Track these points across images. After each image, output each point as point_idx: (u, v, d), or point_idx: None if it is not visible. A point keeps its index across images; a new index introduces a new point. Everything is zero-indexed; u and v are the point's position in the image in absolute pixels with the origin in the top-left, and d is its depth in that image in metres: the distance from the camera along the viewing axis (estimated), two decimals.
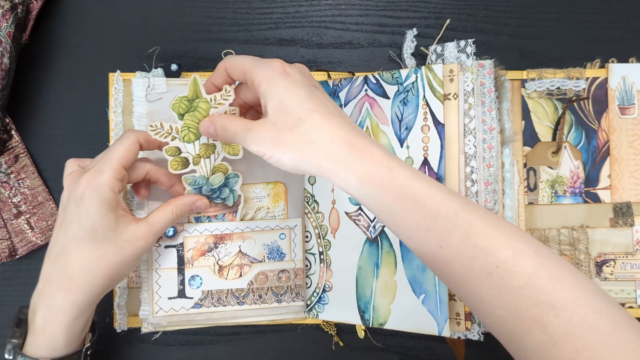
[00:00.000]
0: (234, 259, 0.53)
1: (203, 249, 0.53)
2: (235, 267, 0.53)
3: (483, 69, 0.52)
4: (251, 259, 0.53)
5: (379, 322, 0.53)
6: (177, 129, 0.48)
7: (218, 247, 0.53)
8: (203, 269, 0.53)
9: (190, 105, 0.48)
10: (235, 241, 0.53)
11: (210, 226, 0.53)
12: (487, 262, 0.35)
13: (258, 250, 0.54)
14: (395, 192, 0.38)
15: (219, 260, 0.53)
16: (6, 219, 0.55)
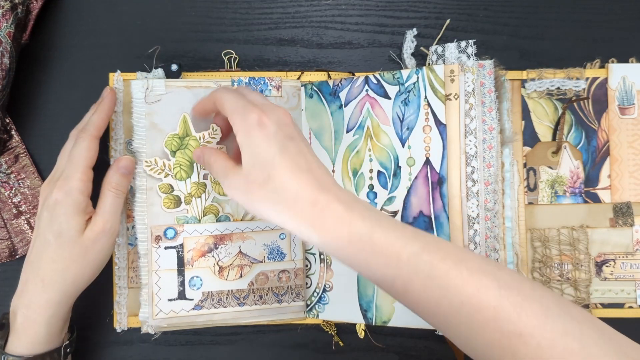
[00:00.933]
0: (234, 259, 0.53)
1: (203, 250, 0.53)
2: (236, 267, 0.53)
3: (483, 69, 0.53)
4: (251, 260, 0.53)
5: (383, 320, 0.53)
6: (170, 166, 0.52)
7: (218, 248, 0.53)
8: (203, 270, 0.53)
9: (181, 143, 0.52)
10: (235, 242, 0.53)
11: (210, 227, 0.53)
12: (453, 300, 0.36)
13: (258, 250, 0.54)
14: (356, 245, 0.39)
15: (219, 261, 0.53)
16: (6, 219, 0.55)
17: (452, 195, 0.51)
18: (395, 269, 0.38)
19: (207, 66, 0.57)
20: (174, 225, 0.53)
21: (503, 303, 0.35)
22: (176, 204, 0.53)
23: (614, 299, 0.56)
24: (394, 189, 0.53)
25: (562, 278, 0.56)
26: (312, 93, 0.56)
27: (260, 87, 0.55)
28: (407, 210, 0.53)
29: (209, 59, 0.58)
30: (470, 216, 0.51)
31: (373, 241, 0.38)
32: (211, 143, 0.53)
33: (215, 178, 0.52)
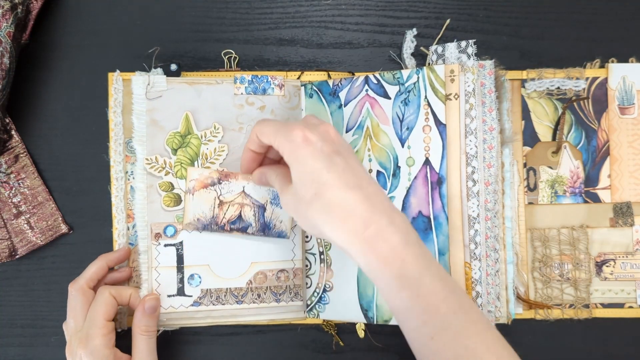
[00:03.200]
0: (235, 196, 0.52)
1: (206, 182, 0.52)
2: (236, 205, 0.52)
3: (483, 70, 0.53)
4: (253, 200, 0.52)
5: (384, 319, 0.53)
6: (171, 164, 0.52)
7: (221, 184, 0.52)
8: (203, 202, 0.52)
9: (183, 141, 0.53)
10: (240, 181, 0.52)
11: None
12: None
13: (262, 193, 0.53)
14: (402, 283, 0.39)
15: (220, 196, 0.52)
16: (6, 219, 0.55)
17: (452, 195, 0.51)
18: (430, 316, 0.39)
19: (207, 66, 0.57)
20: (174, 223, 0.53)
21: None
22: (176, 202, 0.53)
23: (614, 298, 0.56)
24: (393, 189, 0.53)
25: (562, 278, 0.55)
26: (312, 93, 0.56)
27: (263, 86, 0.55)
28: (406, 210, 0.53)
29: (209, 58, 0.58)
30: (471, 216, 0.51)
31: (419, 286, 0.39)
32: (213, 142, 0.53)
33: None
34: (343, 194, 0.39)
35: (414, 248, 0.39)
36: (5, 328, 0.57)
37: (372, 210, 0.39)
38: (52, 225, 0.56)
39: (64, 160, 0.57)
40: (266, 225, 0.53)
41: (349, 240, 0.39)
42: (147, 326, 0.50)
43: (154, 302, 0.50)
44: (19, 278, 0.57)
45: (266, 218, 0.53)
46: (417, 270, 0.39)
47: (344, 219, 0.39)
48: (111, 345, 0.48)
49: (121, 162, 0.55)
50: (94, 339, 0.47)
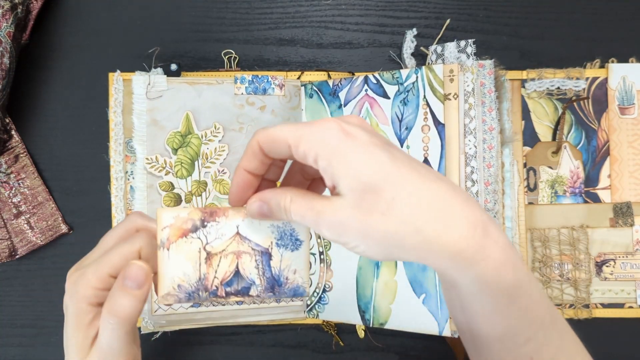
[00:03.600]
0: (228, 243, 0.37)
1: (185, 228, 0.35)
2: (230, 255, 0.37)
3: (483, 69, 0.52)
4: (253, 245, 0.37)
5: (380, 322, 0.53)
6: (171, 164, 0.51)
7: (207, 226, 0.36)
8: (182, 257, 0.36)
9: (183, 141, 0.52)
10: (232, 218, 0.36)
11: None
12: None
13: (263, 233, 0.37)
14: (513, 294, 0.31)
15: (207, 245, 0.36)
16: (6, 219, 0.55)
17: None
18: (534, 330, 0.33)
19: (207, 66, 0.57)
20: None
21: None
22: (176, 202, 0.53)
23: (614, 298, 0.55)
24: None
25: (562, 278, 0.55)
26: (312, 93, 0.56)
27: (263, 86, 0.55)
28: None
29: (209, 58, 0.58)
30: None
31: (529, 295, 0.32)
32: (213, 141, 0.53)
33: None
34: (430, 189, 0.30)
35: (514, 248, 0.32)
36: (5, 328, 0.57)
37: (468, 203, 0.30)
38: (52, 225, 0.56)
39: (64, 160, 0.57)
40: (275, 281, 0.38)
41: (457, 250, 0.29)
42: (117, 304, 0.33)
43: (139, 273, 0.34)
44: (19, 278, 0.57)
45: (274, 269, 0.37)
46: (527, 275, 0.31)
47: (444, 220, 0.29)
48: (96, 303, 0.34)
49: (121, 162, 0.55)
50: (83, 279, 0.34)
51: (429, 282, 0.50)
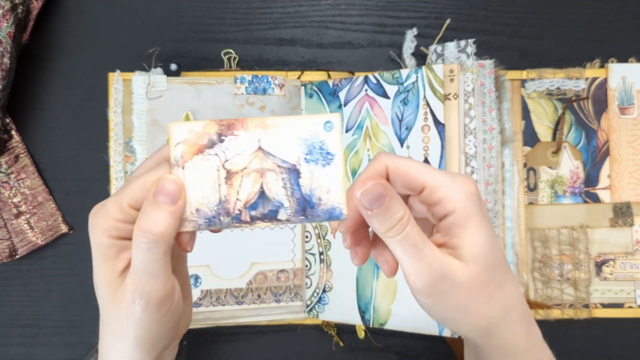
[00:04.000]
0: (250, 159, 0.32)
1: (200, 143, 0.31)
2: (253, 174, 0.32)
3: (483, 69, 0.52)
4: (279, 162, 0.32)
5: (380, 322, 0.53)
6: None
7: (224, 141, 0.32)
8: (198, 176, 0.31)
9: None
10: (252, 131, 0.32)
11: None
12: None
13: (289, 147, 0.32)
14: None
15: (226, 162, 0.32)
16: (6, 219, 0.55)
17: None
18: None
19: (206, 66, 0.57)
20: None
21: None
22: None
23: (614, 298, 0.55)
24: None
25: (562, 278, 0.55)
26: (312, 93, 0.56)
27: (263, 86, 0.55)
28: None
29: (209, 58, 0.58)
30: None
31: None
32: None
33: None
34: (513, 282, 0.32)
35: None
36: (5, 328, 0.57)
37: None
38: (52, 225, 0.56)
39: (64, 160, 0.57)
40: (306, 202, 0.32)
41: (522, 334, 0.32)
42: (148, 222, 0.30)
43: (172, 187, 0.30)
44: (19, 278, 0.57)
45: (303, 189, 0.32)
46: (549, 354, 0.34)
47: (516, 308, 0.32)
48: (116, 236, 0.31)
49: (121, 162, 0.55)
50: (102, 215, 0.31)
51: None
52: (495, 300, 0.30)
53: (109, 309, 0.32)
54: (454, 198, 0.30)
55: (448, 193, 0.30)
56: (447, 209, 0.30)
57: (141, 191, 0.31)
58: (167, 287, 0.31)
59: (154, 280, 0.31)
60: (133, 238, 0.30)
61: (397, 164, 0.31)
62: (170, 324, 0.33)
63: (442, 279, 0.30)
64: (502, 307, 0.31)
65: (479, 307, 0.30)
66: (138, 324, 0.31)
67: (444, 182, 0.30)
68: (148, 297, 0.31)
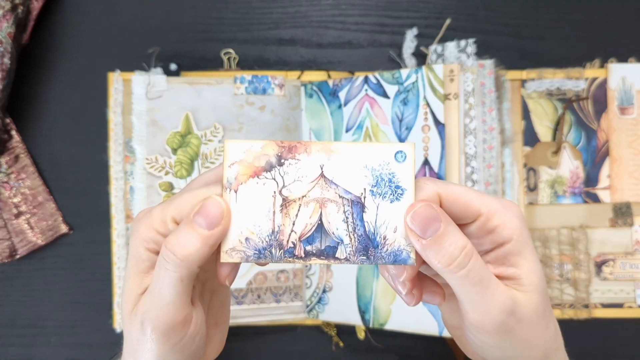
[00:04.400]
0: (310, 187, 0.29)
1: (257, 165, 0.29)
2: (312, 203, 0.29)
3: (483, 69, 0.52)
4: (341, 192, 0.29)
5: (379, 322, 0.53)
6: (171, 164, 0.52)
7: (284, 165, 0.29)
8: (254, 203, 0.29)
9: (183, 141, 0.52)
10: (315, 155, 0.29)
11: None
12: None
13: (355, 176, 0.29)
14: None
15: (283, 189, 0.29)
16: (6, 219, 0.55)
17: None
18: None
19: (206, 66, 0.57)
20: None
21: None
22: None
23: (614, 298, 0.55)
24: None
25: (562, 278, 0.55)
26: (312, 93, 0.56)
27: (263, 86, 0.55)
28: None
29: (209, 58, 0.58)
30: None
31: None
32: (213, 141, 0.53)
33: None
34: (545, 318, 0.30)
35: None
36: (5, 328, 0.57)
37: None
38: (52, 225, 0.56)
39: (64, 160, 0.57)
40: (370, 240, 0.29)
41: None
42: (177, 242, 0.28)
43: (214, 210, 0.28)
44: (19, 278, 0.57)
45: (368, 225, 0.29)
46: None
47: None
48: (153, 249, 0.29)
49: (120, 162, 0.55)
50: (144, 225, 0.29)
51: None
52: (549, 330, 0.29)
53: (125, 325, 0.30)
54: (510, 225, 0.28)
55: (505, 220, 0.28)
56: (504, 237, 0.28)
57: (188, 206, 0.28)
58: (179, 316, 0.29)
59: (165, 306, 0.28)
60: (160, 254, 0.28)
61: (448, 189, 0.28)
62: (184, 356, 0.31)
63: (511, 315, 0.28)
64: (554, 335, 0.30)
65: (539, 340, 0.29)
66: (146, 349, 0.29)
67: (498, 208, 0.28)
68: (155, 324, 0.28)
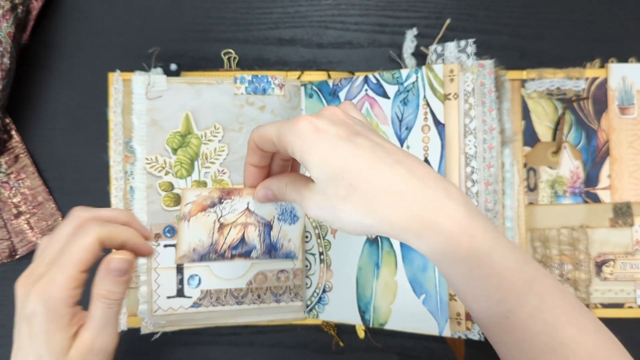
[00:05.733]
0: (238, 216, 0.44)
1: (205, 204, 0.43)
2: (239, 226, 0.44)
3: (483, 69, 0.52)
4: (258, 218, 0.45)
5: (380, 322, 0.53)
6: (171, 164, 0.52)
7: (222, 203, 0.44)
8: (199, 226, 0.43)
9: (183, 141, 0.52)
10: (245, 197, 0.44)
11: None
12: (554, 338, 0.34)
13: (268, 208, 0.45)
14: (472, 262, 0.34)
15: (221, 218, 0.44)
16: (6, 219, 0.55)
17: None
18: (505, 293, 0.34)
19: (206, 66, 0.57)
20: (174, 223, 0.53)
21: (600, 347, 0.35)
22: (176, 203, 0.53)
23: (614, 299, 0.55)
24: None
25: (562, 278, 0.55)
26: (312, 93, 0.56)
27: (263, 86, 0.55)
28: None
29: (209, 58, 0.58)
30: None
31: (491, 262, 0.34)
32: (213, 141, 0.53)
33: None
34: (383, 175, 0.33)
35: (480, 220, 0.34)
36: (5, 328, 0.57)
37: (424, 184, 0.33)
38: (52, 225, 0.56)
39: (64, 160, 0.57)
40: (272, 247, 0.46)
41: (405, 226, 0.33)
42: (108, 291, 0.37)
43: (121, 264, 0.38)
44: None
45: (272, 238, 0.46)
46: (487, 244, 0.33)
47: (394, 203, 0.33)
48: (73, 303, 0.36)
49: (121, 162, 0.55)
50: (54, 287, 0.36)
51: (429, 283, 0.50)
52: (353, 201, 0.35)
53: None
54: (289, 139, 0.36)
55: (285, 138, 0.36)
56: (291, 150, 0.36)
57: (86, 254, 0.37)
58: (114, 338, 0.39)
59: (110, 330, 0.38)
60: (94, 300, 0.37)
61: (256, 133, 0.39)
62: None
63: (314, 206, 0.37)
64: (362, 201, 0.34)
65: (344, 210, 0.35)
66: None
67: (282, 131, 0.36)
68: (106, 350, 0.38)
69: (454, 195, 0.34)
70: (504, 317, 0.35)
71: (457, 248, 0.33)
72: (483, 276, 0.34)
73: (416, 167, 0.34)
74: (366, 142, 0.35)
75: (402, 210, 0.33)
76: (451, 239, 0.33)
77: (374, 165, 0.34)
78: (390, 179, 0.33)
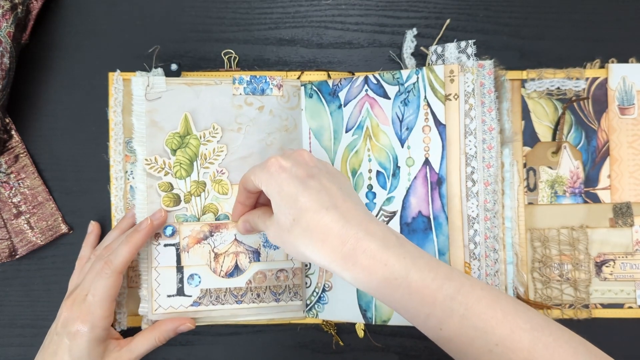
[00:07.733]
0: (229, 246, 0.53)
1: (198, 237, 0.53)
2: (231, 254, 0.53)
3: (483, 69, 0.52)
4: (247, 247, 0.54)
5: (382, 319, 0.53)
6: (170, 165, 0.52)
7: (213, 235, 0.53)
8: (199, 257, 0.53)
9: (182, 142, 0.53)
10: (231, 230, 0.53)
11: (206, 216, 0.54)
12: (487, 340, 0.37)
13: (253, 238, 0.54)
14: (391, 284, 0.39)
15: (215, 248, 0.53)
16: (6, 219, 0.55)
17: (452, 195, 0.51)
18: (430, 307, 0.38)
19: (206, 66, 0.57)
20: (173, 223, 0.53)
21: (536, 345, 0.36)
22: (176, 203, 0.53)
23: (614, 299, 0.55)
24: (393, 189, 0.53)
25: (561, 278, 0.55)
26: (312, 93, 0.56)
27: (261, 86, 0.55)
28: (406, 210, 0.53)
29: (209, 58, 0.58)
30: (470, 216, 0.51)
31: (409, 282, 0.38)
32: (212, 142, 0.53)
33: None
34: (319, 216, 0.40)
35: (395, 249, 0.39)
36: (5, 328, 0.57)
37: (347, 225, 0.39)
38: (52, 225, 0.56)
39: (64, 160, 0.57)
40: None
41: (330, 260, 0.39)
42: (162, 340, 0.52)
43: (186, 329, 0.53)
44: (19, 278, 0.57)
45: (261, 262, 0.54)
46: (402, 268, 0.38)
47: (323, 240, 0.39)
48: (108, 326, 0.48)
49: (121, 161, 0.55)
50: (95, 316, 0.47)
51: None
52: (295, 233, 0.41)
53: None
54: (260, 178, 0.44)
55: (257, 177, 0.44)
56: (262, 187, 0.44)
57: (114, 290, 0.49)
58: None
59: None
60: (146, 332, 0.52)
61: (243, 177, 0.47)
62: None
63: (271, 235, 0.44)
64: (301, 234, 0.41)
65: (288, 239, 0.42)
66: None
67: (257, 171, 0.44)
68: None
69: (372, 231, 0.39)
70: (438, 329, 0.39)
71: (373, 276, 0.39)
72: (405, 296, 0.39)
73: (350, 210, 0.40)
74: (316, 185, 0.41)
75: (328, 247, 0.39)
76: (367, 269, 0.39)
77: (314, 207, 0.40)
78: (324, 220, 0.39)
